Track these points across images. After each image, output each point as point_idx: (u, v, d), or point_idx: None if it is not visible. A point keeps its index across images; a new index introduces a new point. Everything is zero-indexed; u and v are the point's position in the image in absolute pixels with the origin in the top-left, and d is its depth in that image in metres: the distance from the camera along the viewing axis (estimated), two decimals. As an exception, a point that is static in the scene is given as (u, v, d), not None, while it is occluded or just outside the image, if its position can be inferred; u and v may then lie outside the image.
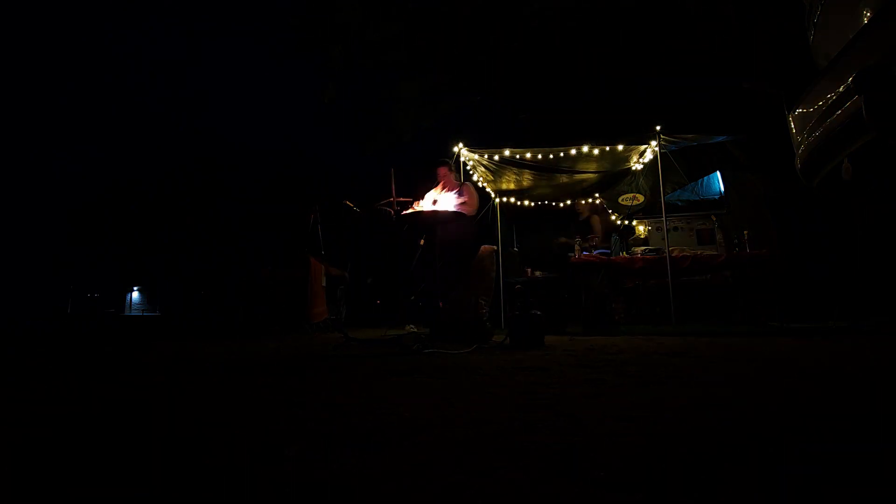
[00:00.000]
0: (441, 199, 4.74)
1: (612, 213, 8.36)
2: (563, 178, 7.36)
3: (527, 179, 7.45)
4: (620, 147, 6.58)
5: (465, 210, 4.59)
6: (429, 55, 12.83)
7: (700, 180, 8.60)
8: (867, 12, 1.89)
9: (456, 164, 6.59)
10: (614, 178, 7.45)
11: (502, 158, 6.82)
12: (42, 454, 1.07)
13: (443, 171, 4.93)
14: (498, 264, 8.00)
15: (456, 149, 6.66)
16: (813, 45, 2.45)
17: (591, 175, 7.27)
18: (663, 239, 6.24)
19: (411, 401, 1.62)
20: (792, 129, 2.45)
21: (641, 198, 7.54)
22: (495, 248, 5.08)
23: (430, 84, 13.26)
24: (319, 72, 14.37)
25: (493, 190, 7.87)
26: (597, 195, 8.17)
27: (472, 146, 6.77)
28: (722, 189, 8.51)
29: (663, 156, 6.19)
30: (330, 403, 1.61)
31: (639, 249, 6.70)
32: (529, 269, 7.62)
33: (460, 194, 4.69)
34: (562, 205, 8.46)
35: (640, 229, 8.65)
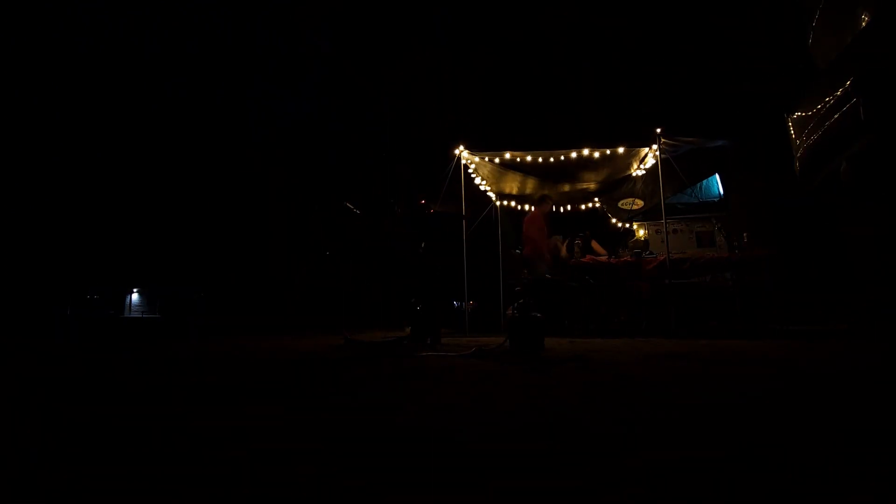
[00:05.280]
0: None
1: (612, 216, 8.35)
2: (566, 188, 7.41)
3: (530, 186, 7.48)
4: (621, 150, 6.56)
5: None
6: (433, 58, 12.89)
7: (700, 183, 8.61)
8: (865, 16, 1.90)
9: (456, 166, 6.58)
10: (615, 183, 7.47)
11: (503, 162, 6.81)
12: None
13: None
14: (500, 265, 8.02)
15: (457, 151, 6.65)
16: (812, 48, 2.46)
17: (593, 184, 7.34)
18: (663, 242, 6.23)
19: (407, 403, 1.62)
20: (791, 131, 2.45)
21: (640, 203, 7.55)
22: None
23: (434, 85, 13.30)
24: (322, 72, 14.41)
25: (494, 192, 7.87)
26: (596, 199, 8.17)
27: (473, 149, 6.76)
28: (721, 191, 8.52)
29: (663, 160, 6.18)
30: (329, 405, 1.61)
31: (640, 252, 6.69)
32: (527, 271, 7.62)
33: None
34: (562, 209, 8.45)
35: (641, 232, 8.65)
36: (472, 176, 7.18)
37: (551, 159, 6.68)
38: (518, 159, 6.76)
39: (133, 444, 1.14)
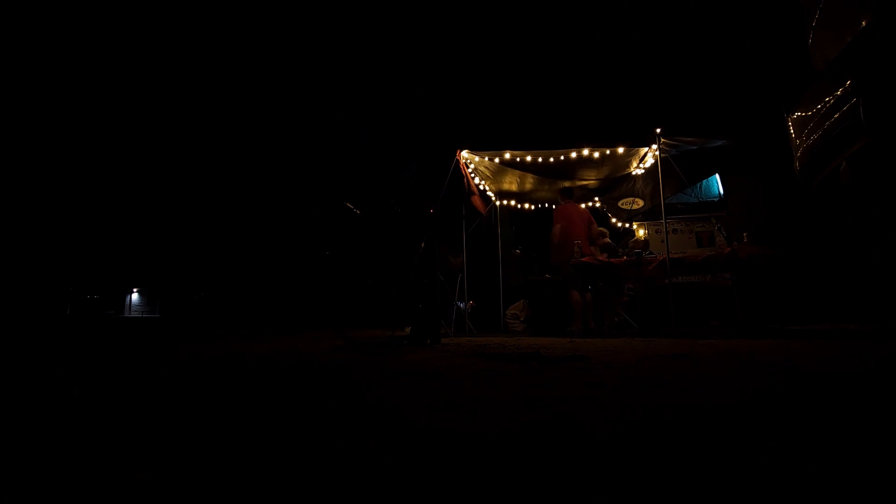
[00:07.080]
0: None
1: (612, 216, 8.36)
2: (565, 184, 7.39)
3: (528, 183, 7.47)
4: (621, 150, 6.57)
5: None
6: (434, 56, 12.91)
7: (700, 183, 8.62)
8: (865, 16, 1.90)
9: (456, 166, 6.59)
10: (615, 182, 7.46)
11: (503, 161, 6.81)
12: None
13: None
14: (500, 265, 8.02)
15: (457, 151, 6.65)
16: (811, 48, 2.46)
17: (592, 182, 7.31)
18: (663, 241, 6.24)
19: (406, 402, 1.62)
20: (790, 131, 2.45)
21: (641, 202, 7.55)
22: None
23: (434, 85, 13.33)
24: (321, 71, 14.42)
25: (493, 192, 7.87)
26: (596, 199, 8.18)
27: (473, 148, 6.77)
28: (721, 191, 8.52)
29: (663, 160, 6.18)
30: (329, 405, 1.61)
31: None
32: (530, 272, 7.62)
33: None
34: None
35: (640, 232, 8.67)
36: (472, 176, 7.18)
37: (551, 159, 6.69)
38: (518, 159, 6.76)
39: (132, 444, 1.14)
